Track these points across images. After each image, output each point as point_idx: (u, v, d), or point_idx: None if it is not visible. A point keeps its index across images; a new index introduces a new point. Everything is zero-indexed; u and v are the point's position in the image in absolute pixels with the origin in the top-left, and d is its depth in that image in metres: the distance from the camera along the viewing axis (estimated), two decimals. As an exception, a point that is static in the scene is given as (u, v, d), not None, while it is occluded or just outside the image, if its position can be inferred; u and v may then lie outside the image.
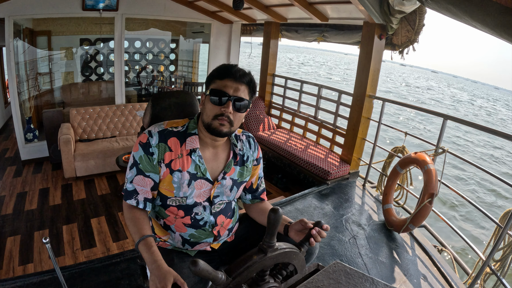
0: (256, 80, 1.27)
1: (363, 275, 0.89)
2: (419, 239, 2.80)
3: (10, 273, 2.52)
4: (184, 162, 1.20)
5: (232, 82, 1.15)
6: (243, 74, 1.17)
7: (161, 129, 1.20)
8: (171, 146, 1.19)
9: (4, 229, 3.06)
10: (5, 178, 4.08)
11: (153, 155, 1.18)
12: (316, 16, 3.80)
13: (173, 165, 1.19)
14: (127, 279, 2.06)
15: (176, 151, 1.20)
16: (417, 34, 3.08)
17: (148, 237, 1.11)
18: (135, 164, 1.19)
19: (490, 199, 8.95)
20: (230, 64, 1.19)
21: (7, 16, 3.83)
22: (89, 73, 5.73)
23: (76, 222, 3.24)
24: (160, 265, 1.01)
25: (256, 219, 1.43)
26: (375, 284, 0.86)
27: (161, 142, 1.18)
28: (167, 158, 1.19)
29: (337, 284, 0.86)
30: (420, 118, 20.61)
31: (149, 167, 1.19)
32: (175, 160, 1.19)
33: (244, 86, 1.18)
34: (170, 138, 1.20)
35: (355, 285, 0.85)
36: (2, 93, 6.23)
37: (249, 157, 1.35)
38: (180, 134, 1.22)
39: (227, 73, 1.17)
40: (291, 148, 4.23)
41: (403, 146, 3.29)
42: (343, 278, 0.88)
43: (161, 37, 6.44)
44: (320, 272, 0.91)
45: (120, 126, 4.87)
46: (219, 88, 1.15)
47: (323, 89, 4.55)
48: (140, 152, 1.18)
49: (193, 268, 0.77)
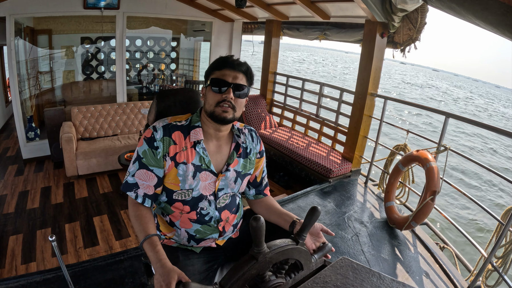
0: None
1: (370, 270, 0.90)
2: (421, 236, 2.80)
3: (13, 272, 2.53)
4: (188, 154, 1.22)
5: (231, 71, 1.20)
6: (240, 63, 1.23)
7: (165, 123, 1.23)
8: (175, 140, 1.22)
9: (6, 228, 3.06)
10: (7, 177, 4.08)
11: (157, 149, 1.20)
12: (318, 14, 3.80)
13: (178, 158, 1.21)
14: (131, 277, 2.06)
15: (180, 144, 1.22)
16: (418, 32, 3.08)
17: (153, 236, 1.12)
18: (138, 158, 1.21)
19: (491, 196, 8.97)
20: (226, 56, 1.24)
21: (8, 14, 3.84)
22: (90, 72, 5.73)
23: (79, 221, 3.25)
24: (164, 264, 1.02)
25: (261, 215, 1.43)
26: (381, 278, 0.87)
27: (165, 136, 1.21)
28: (171, 151, 1.21)
29: (344, 279, 0.86)
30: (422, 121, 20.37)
31: (153, 161, 1.20)
32: (179, 153, 1.21)
33: (242, 74, 1.22)
34: (174, 132, 1.22)
35: (362, 279, 0.86)
36: (3, 91, 6.24)
37: (252, 149, 1.37)
38: (184, 128, 1.24)
39: (225, 63, 1.21)
40: (293, 146, 4.24)
41: (405, 144, 3.30)
42: (350, 273, 0.89)
43: (162, 35, 6.44)
44: (327, 268, 0.92)
45: (122, 125, 4.87)
46: (219, 77, 1.19)
47: (325, 87, 4.55)
48: (144, 146, 1.20)
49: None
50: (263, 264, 0.92)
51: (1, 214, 3.26)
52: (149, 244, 1.09)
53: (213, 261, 1.33)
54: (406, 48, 3.35)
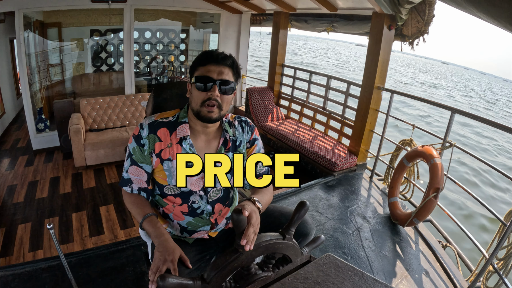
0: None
1: (353, 268, 0.89)
2: (424, 233, 2.77)
3: (20, 259, 2.61)
4: (174, 150, 1.23)
5: (215, 66, 1.17)
6: (224, 57, 1.19)
7: (151, 121, 1.23)
8: (161, 137, 1.22)
9: (15, 216, 3.15)
10: (17, 167, 4.19)
11: (144, 146, 1.21)
12: (325, 6, 3.75)
13: (163, 155, 1.22)
14: (132, 266, 2.11)
15: (165, 141, 1.23)
16: (427, 25, 3.01)
17: (151, 215, 1.16)
18: (130, 155, 1.24)
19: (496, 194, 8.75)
20: (211, 50, 1.21)
21: (17, 9, 3.90)
22: (99, 64, 5.77)
23: (85, 210, 3.32)
24: (167, 239, 1.06)
25: None
26: (364, 278, 0.86)
27: (151, 134, 1.22)
28: (157, 148, 1.22)
29: (326, 276, 0.86)
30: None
31: (141, 158, 1.23)
32: (164, 150, 1.22)
33: (228, 68, 1.19)
34: (160, 129, 1.23)
35: (343, 278, 0.86)
36: (14, 84, 6.37)
37: (242, 141, 1.35)
38: (170, 124, 1.24)
39: (209, 58, 1.18)
40: (299, 138, 4.22)
41: (411, 139, 3.25)
42: (332, 270, 0.88)
43: (171, 27, 6.43)
44: (310, 264, 0.92)
45: (130, 116, 4.93)
46: (203, 74, 1.16)
47: (332, 80, 4.50)
48: (133, 144, 1.23)
49: (161, 284, 0.79)
50: (245, 257, 0.92)
51: (11, 203, 3.35)
52: (149, 222, 1.14)
53: (205, 251, 1.35)
54: (415, 41, 3.28)
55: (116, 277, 2.00)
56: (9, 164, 4.29)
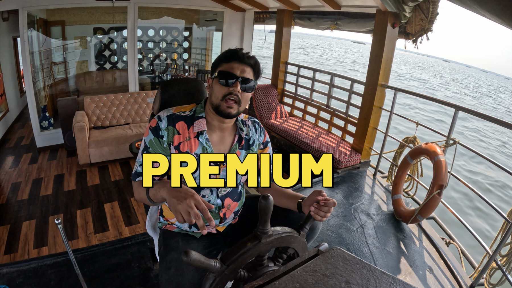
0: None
1: (360, 261, 0.90)
2: (427, 230, 2.77)
3: (25, 255, 2.64)
4: (192, 144, 1.25)
5: (239, 64, 1.21)
6: (248, 57, 1.23)
7: (170, 113, 1.25)
8: (179, 130, 1.24)
9: (20, 213, 3.18)
10: (21, 165, 4.21)
11: (163, 137, 1.22)
12: (328, 4, 3.74)
13: (181, 147, 1.24)
14: (137, 262, 2.12)
15: (184, 134, 1.24)
16: (431, 22, 3.01)
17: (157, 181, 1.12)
18: (146, 148, 1.24)
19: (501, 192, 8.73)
20: (236, 48, 1.25)
21: (20, 7, 3.91)
22: (103, 62, 5.79)
23: (90, 207, 3.34)
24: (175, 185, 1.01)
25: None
26: (372, 270, 0.87)
27: (169, 126, 1.23)
28: (176, 140, 1.23)
29: (334, 268, 0.87)
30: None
31: (160, 150, 1.23)
32: (183, 143, 1.24)
33: (250, 68, 1.23)
34: (178, 122, 1.25)
35: (351, 270, 0.87)
36: (17, 82, 6.38)
37: (255, 141, 1.39)
38: (188, 118, 1.26)
39: (234, 56, 1.22)
40: (303, 136, 4.22)
41: (415, 136, 3.25)
42: (340, 263, 0.89)
43: (174, 25, 6.43)
44: (319, 257, 0.93)
45: (134, 113, 4.95)
46: (227, 70, 1.20)
47: (335, 77, 4.50)
48: (150, 136, 1.23)
49: (185, 259, 0.78)
50: (264, 246, 0.94)
51: (15, 201, 3.38)
52: (157, 183, 1.09)
53: (212, 246, 1.36)
54: (418, 39, 3.27)
55: (121, 273, 2.02)
56: (13, 161, 4.32)
